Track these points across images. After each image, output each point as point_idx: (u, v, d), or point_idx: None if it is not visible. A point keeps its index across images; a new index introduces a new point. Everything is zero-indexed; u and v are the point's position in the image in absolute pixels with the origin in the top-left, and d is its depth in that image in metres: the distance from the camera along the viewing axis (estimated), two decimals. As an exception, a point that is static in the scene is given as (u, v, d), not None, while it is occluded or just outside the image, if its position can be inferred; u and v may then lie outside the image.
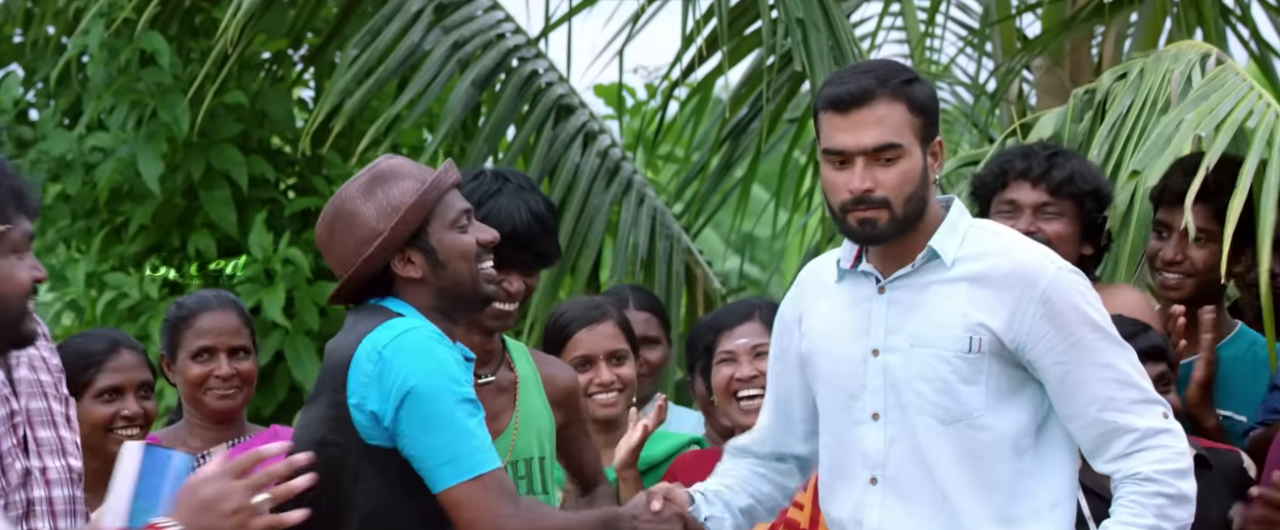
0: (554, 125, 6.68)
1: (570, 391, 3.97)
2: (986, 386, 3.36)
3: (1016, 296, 3.35)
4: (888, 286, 3.43)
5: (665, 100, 7.07)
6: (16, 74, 7.08)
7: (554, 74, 6.78)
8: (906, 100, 3.37)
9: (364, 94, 6.35)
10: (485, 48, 6.57)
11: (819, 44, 6.10)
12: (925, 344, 3.38)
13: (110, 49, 6.71)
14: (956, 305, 3.37)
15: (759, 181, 8.01)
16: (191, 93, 6.51)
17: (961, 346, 3.35)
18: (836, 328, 3.47)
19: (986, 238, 3.43)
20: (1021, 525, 3.36)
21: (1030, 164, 4.22)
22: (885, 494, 3.40)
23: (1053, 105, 5.56)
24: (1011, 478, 3.36)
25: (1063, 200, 4.20)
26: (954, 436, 3.36)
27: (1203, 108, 4.52)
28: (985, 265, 3.38)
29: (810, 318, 3.51)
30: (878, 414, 3.41)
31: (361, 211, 3.31)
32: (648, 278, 6.67)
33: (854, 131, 3.36)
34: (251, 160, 6.88)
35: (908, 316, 3.40)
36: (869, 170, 3.36)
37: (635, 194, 6.70)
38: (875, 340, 3.42)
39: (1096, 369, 3.34)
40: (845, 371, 3.44)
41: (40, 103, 7.13)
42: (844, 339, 3.45)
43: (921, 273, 3.41)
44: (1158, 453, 3.34)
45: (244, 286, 6.70)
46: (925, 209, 3.40)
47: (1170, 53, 4.89)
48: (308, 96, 7.46)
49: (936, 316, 3.38)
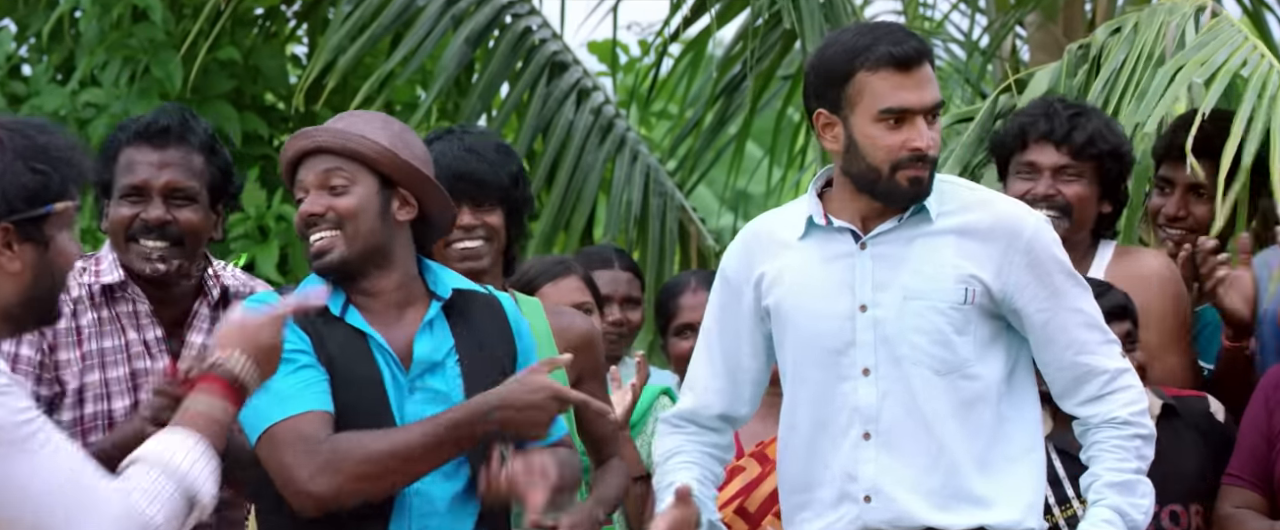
0: (547, 82, 6.66)
1: (584, 342, 3.90)
2: (975, 336, 3.41)
3: (1003, 248, 3.42)
4: (870, 242, 3.43)
5: (659, 57, 7.05)
6: (9, 29, 7.08)
7: (547, 31, 6.74)
8: (930, 62, 3.45)
9: (357, 50, 6.33)
10: (479, 4, 6.54)
11: (811, 2, 6.05)
12: (919, 296, 3.40)
13: (103, 4, 6.70)
14: (946, 257, 3.41)
15: (753, 138, 7.97)
16: (184, 49, 6.51)
17: (956, 298, 3.40)
18: (811, 284, 3.46)
19: (962, 192, 3.48)
20: (1001, 470, 3.42)
21: (1053, 125, 4.15)
22: (879, 449, 3.41)
23: (1046, 61, 5.53)
24: (992, 424, 3.43)
25: (1083, 162, 4.13)
26: (948, 387, 3.40)
27: (1196, 58, 4.51)
28: (969, 218, 3.43)
29: (773, 275, 3.49)
30: (869, 369, 3.41)
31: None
32: (641, 235, 6.67)
33: (918, 90, 3.39)
34: (245, 116, 6.87)
35: (897, 271, 3.42)
36: (930, 129, 3.41)
37: (629, 151, 6.67)
38: (862, 296, 3.42)
39: (1072, 314, 3.44)
40: (828, 327, 3.43)
41: (33, 58, 7.13)
42: (823, 295, 3.45)
43: (906, 227, 3.43)
44: (1127, 394, 3.46)
45: (238, 242, 6.72)
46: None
47: (1165, 6, 4.86)
48: (301, 53, 7.45)
49: (927, 269, 3.41)
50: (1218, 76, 4.39)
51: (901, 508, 3.41)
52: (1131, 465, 3.42)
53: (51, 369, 3.55)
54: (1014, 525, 3.41)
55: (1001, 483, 3.42)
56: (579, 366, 3.83)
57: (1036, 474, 3.47)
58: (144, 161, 3.61)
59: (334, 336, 3.34)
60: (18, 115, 6.72)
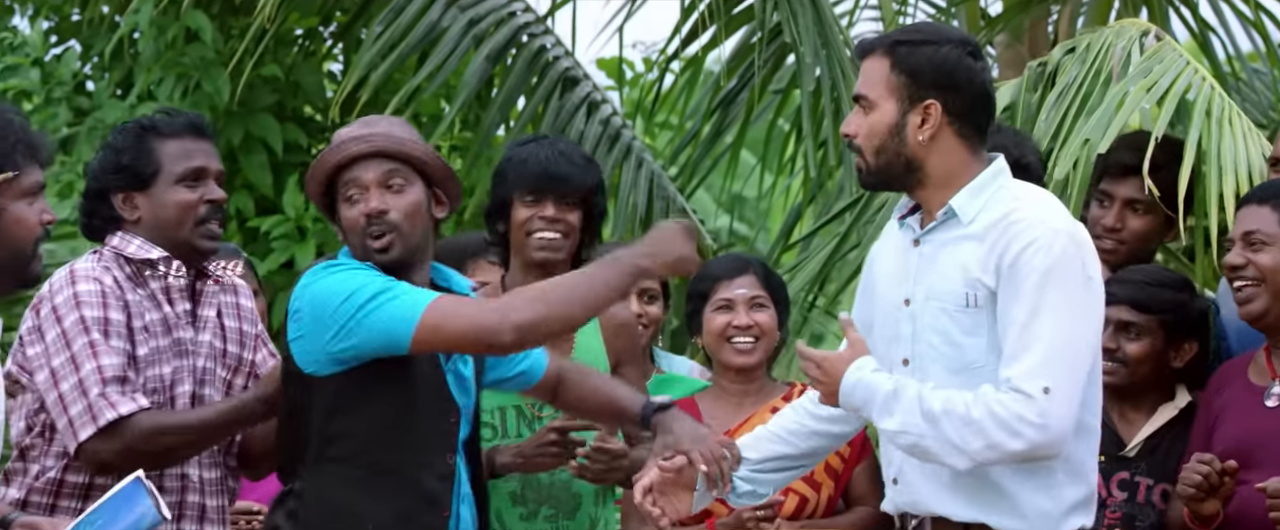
0: (560, 96, 6.77)
1: (623, 327, 3.99)
2: (987, 339, 3.27)
3: (1001, 249, 3.26)
4: (921, 239, 3.38)
5: (661, 73, 7.15)
6: (75, 49, 7.17)
7: (560, 49, 6.86)
8: (892, 58, 3.32)
9: (388, 67, 6.45)
10: (498, 25, 6.67)
11: (805, 19, 6.19)
12: (935, 297, 3.32)
13: (159, 26, 6.80)
14: (962, 260, 3.30)
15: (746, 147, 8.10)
16: (232, 66, 6.59)
17: (959, 301, 3.28)
18: (886, 273, 3.43)
19: (1007, 198, 3.32)
20: (1015, 474, 3.29)
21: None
22: None
23: (1012, 77, 5.63)
24: None
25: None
26: (964, 386, 3.27)
27: (1144, 82, 4.58)
28: (988, 221, 3.29)
29: (874, 261, 3.49)
30: (908, 360, 3.35)
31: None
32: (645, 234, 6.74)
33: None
34: (286, 127, 6.97)
35: (928, 270, 3.35)
36: (853, 116, 3.37)
37: (634, 158, 6.78)
38: (906, 289, 3.37)
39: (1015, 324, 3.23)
40: (886, 316, 3.39)
41: (96, 75, 7.21)
42: (889, 284, 3.41)
43: (943, 228, 3.35)
44: (1010, 399, 3.21)
45: (279, 242, 6.80)
46: (908, 163, 3.32)
47: (1114, 29, 4.95)
48: (337, 69, 7.55)
49: (946, 271, 3.32)
50: (1166, 99, 4.43)
51: (918, 493, 3.33)
52: (959, 410, 3.18)
53: (131, 336, 3.54)
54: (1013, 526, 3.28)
55: (1014, 486, 3.27)
56: (618, 350, 3.98)
57: (1054, 481, 3.27)
58: (198, 149, 3.59)
59: None
60: (82, 127, 6.95)
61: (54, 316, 3.48)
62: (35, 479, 3.52)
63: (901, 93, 3.32)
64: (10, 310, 6.47)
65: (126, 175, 3.57)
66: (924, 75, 3.31)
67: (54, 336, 3.47)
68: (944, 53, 3.32)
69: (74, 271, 3.52)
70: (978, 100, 3.35)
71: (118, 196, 3.59)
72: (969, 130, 3.35)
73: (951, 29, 3.67)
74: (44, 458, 3.52)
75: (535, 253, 3.87)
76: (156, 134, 3.59)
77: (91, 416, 3.44)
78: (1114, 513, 4.03)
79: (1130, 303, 4.03)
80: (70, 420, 3.45)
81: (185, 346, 3.59)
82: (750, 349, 4.22)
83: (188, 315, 3.61)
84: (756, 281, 4.27)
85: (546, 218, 3.86)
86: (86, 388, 3.43)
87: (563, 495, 3.95)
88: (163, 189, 3.57)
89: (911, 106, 3.32)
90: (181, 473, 3.57)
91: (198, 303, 3.63)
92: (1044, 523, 3.29)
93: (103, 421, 3.43)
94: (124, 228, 3.60)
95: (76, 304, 3.47)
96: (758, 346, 4.23)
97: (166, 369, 3.55)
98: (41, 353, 3.49)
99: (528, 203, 3.91)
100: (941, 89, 3.32)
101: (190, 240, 3.59)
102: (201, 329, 3.61)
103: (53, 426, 3.52)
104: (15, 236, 2.89)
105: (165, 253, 3.58)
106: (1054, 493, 3.30)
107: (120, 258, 3.57)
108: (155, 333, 3.55)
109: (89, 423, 3.44)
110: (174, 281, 3.60)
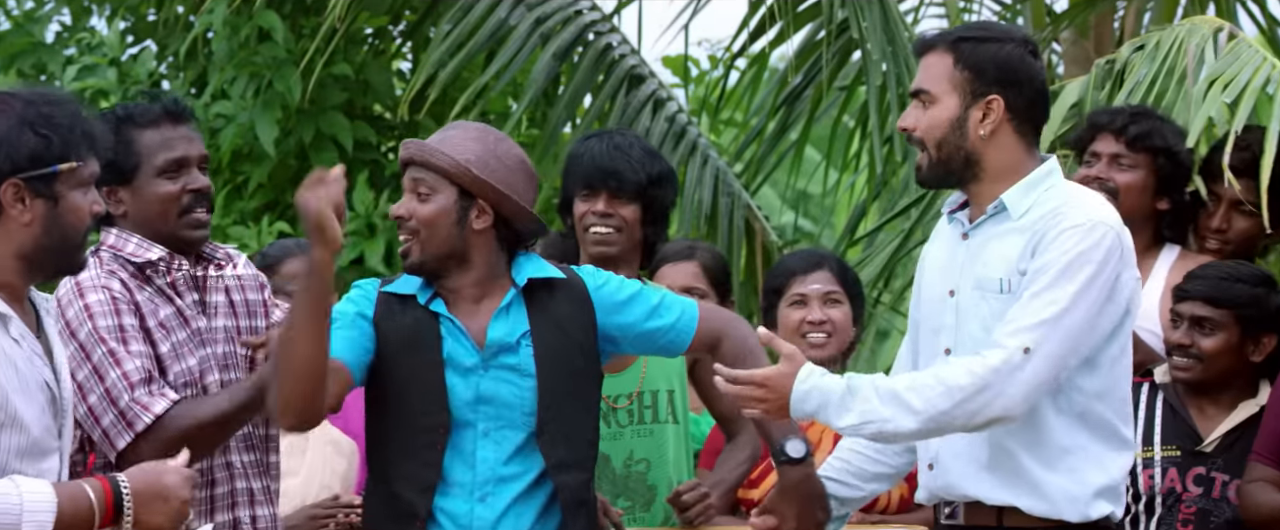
0: (626, 93, 6.78)
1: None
2: None
3: (1041, 234, 3.30)
4: (970, 233, 3.41)
5: (727, 70, 7.15)
6: (150, 49, 7.22)
7: (626, 46, 6.87)
8: (955, 54, 3.35)
9: (456, 65, 6.48)
10: (564, 23, 6.68)
11: (871, 15, 6.17)
12: (979, 286, 3.36)
13: (232, 26, 6.85)
14: (1005, 251, 3.34)
15: (811, 144, 8.07)
16: (303, 65, 6.63)
17: (996, 288, 3.32)
18: (934, 266, 3.46)
19: (1058, 195, 3.35)
20: (1051, 460, 3.32)
21: (1113, 118, 4.24)
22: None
23: (1078, 74, 5.59)
24: (1048, 413, 3.31)
25: (1137, 153, 4.19)
26: None
27: (1221, 78, 4.54)
28: (1037, 216, 3.33)
29: (924, 259, 3.52)
30: (950, 349, 3.38)
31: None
32: (711, 231, 6.74)
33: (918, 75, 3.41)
34: (356, 125, 7.00)
35: (974, 261, 3.38)
36: (911, 111, 3.40)
37: (700, 155, 6.78)
38: (951, 281, 3.40)
39: (1029, 295, 3.27)
40: (931, 308, 3.43)
41: (171, 75, 7.28)
42: (935, 277, 3.44)
43: (993, 222, 3.37)
44: (983, 359, 3.22)
45: (349, 239, 6.84)
46: (968, 158, 3.35)
47: (1186, 26, 4.90)
48: (406, 68, 7.57)
49: (990, 260, 3.35)
50: (1244, 96, 4.39)
51: (952, 478, 3.36)
52: (925, 380, 3.20)
53: (149, 336, 3.50)
54: (1047, 514, 3.31)
55: (1048, 471, 3.29)
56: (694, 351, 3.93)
57: (1089, 467, 3.30)
58: (177, 137, 3.50)
59: (409, 313, 3.37)
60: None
61: (68, 332, 3.44)
62: None
63: (964, 88, 3.36)
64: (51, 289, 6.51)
65: (108, 169, 3.37)
66: (987, 71, 3.35)
67: (73, 350, 3.43)
68: (1007, 50, 3.36)
69: (80, 284, 3.47)
70: (1037, 98, 3.39)
71: (102, 191, 3.43)
72: (1026, 127, 3.38)
73: (1013, 27, 3.73)
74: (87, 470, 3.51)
75: (591, 248, 3.88)
76: (133, 124, 3.49)
77: (126, 423, 3.41)
78: (1189, 508, 4.00)
79: (1204, 298, 3.99)
80: (104, 431, 3.43)
81: (203, 336, 3.55)
82: (823, 344, 4.22)
83: (197, 305, 3.55)
84: (831, 277, 4.27)
85: (598, 212, 3.87)
86: (115, 396, 3.41)
87: (638, 487, 3.96)
88: (144, 182, 3.49)
89: (974, 101, 3.35)
90: (226, 461, 3.55)
91: (205, 290, 3.57)
92: (1070, 506, 3.31)
93: (140, 426, 3.41)
94: (117, 223, 3.54)
95: (89, 315, 3.44)
96: (831, 342, 4.23)
97: (192, 361, 3.51)
98: (63, 366, 3.42)
99: (583, 197, 3.93)
100: (1004, 85, 3.35)
101: (176, 232, 3.52)
102: (214, 315, 3.57)
103: (89, 439, 3.49)
104: (69, 225, 2.95)
105: (163, 250, 3.52)
106: (1078, 477, 3.32)
107: (120, 258, 3.51)
108: (172, 327, 3.51)
109: (125, 430, 3.41)
110: (177, 275, 3.54)
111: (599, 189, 3.87)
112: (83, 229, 2.97)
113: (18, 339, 2.92)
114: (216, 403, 3.47)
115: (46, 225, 2.93)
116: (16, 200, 2.91)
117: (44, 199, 2.92)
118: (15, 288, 2.96)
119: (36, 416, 2.90)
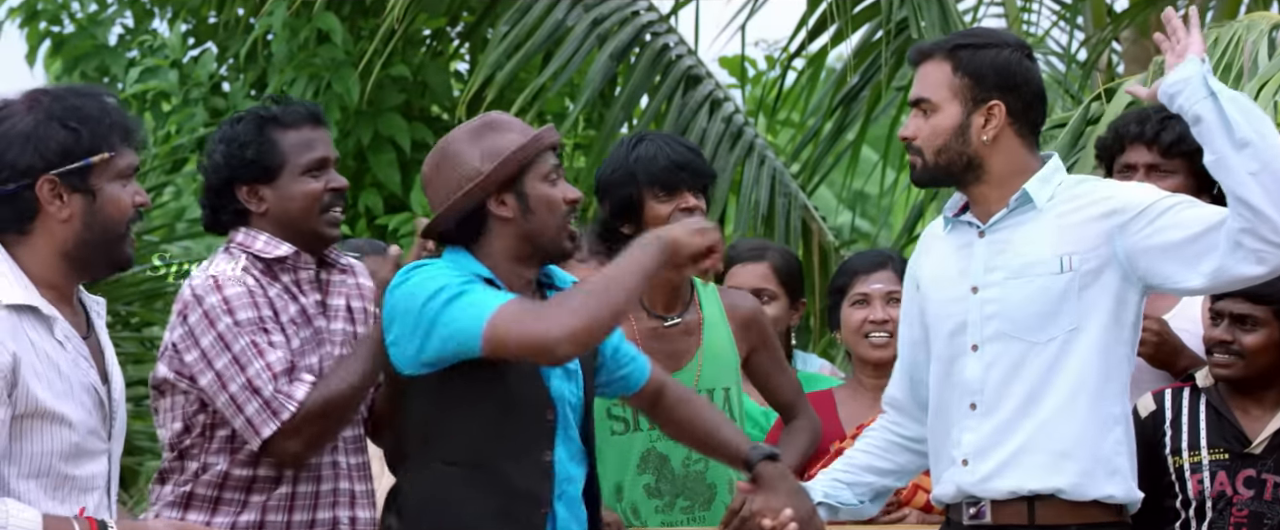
0: (683, 94, 6.81)
1: (751, 318, 3.99)
2: (1079, 302, 3.38)
3: (1083, 208, 3.39)
4: (987, 230, 3.42)
5: (784, 71, 7.16)
6: (211, 51, 7.34)
7: (683, 47, 6.90)
8: (953, 62, 3.40)
9: (513, 66, 6.53)
10: (621, 24, 6.72)
11: (930, 17, 6.16)
12: (1021, 274, 3.38)
13: (291, 28, 6.95)
14: (1041, 235, 3.38)
15: (868, 144, 8.04)
16: (361, 66, 6.70)
17: (1053, 268, 3.37)
18: (937, 274, 3.47)
19: (1072, 182, 3.45)
20: (1087, 439, 3.37)
21: (1143, 128, 4.18)
22: (981, 417, 3.40)
23: (1137, 72, 5.57)
24: (1084, 396, 3.40)
25: (1174, 159, 4.14)
26: (1049, 360, 3.37)
27: (1278, 76, 4.51)
28: (1058, 200, 3.39)
29: (917, 274, 3.53)
30: (977, 345, 3.39)
31: (466, 152, 3.29)
32: (768, 231, 6.76)
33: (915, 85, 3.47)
34: (414, 126, 7.09)
35: (1002, 253, 3.40)
36: (912, 120, 3.44)
37: (757, 156, 6.80)
38: (972, 279, 3.41)
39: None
40: (946, 311, 3.43)
41: (231, 76, 7.37)
42: (944, 282, 3.45)
43: (1016, 214, 3.41)
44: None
45: (406, 239, 6.90)
46: (970, 162, 3.40)
47: (1244, 22, 4.89)
48: (463, 69, 7.65)
49: (1026, 248, 3.39)
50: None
51: (987, 470, 3.37)
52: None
53: (283, 330, 3.54)
54: (1086, 493, 3.34)
55: (1083, 451, 3.34)
56: (750, 341, 3.97)
57: (1123, 443, 3.38)
58: (319, 138, 3.57)
59: None
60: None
61: (206, 321, 3.49)
62: (197, 475, 3.55)
63: (965, 95, 3.40)
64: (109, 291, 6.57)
65: (253, 168, 3.54)
66: (987, 77, 3.40)
67: (211, 341, 3.49)
68: (1005, 56, 3.42)
69: (217, 278, 3.52)
70: (1035, 100, 3.44)
71: (242, 189, 3.57)
72: (1026, 129, 3.44)
73: (1006, 32, 3.75)
74: (205, 454, 3.55)
75: None
76: (278, 125, 3.57)
77: (272, 412, 3.46)
78: (1240, 510, 3.95)
79: (1244, 294, 3.94)
80: (247, 419, 3.46)
81: (323, 336, 3.59)
82: (886, 343, 4.21)
83: (319, 306, 3.61)
84: (893, 277, 4.25)
85: (687, 208, 3.87)
86: (258, 386, 3.46)
87: (698, 486, 3.95)
88: (289, 180, 3.56)
89: (975, 107, 3.40)
90: (333, 460, 3.59)
91: (326, 292, 3.64)
92: (1112, 463, 3.38)
93: (285, 415, 3.45)
94: (250, 221, 3.60)
95: (228, 309, 3.49)
96: (893, 341, 4.20)
97: (314, 359, 3.55)
98: (199, 358, 3.50)
99: (663, 198, 3.90)
100: (1004, 90, 3.40)
101: (317, 229, 3.59)
102: (334, 317, 3.63)
103: (212, 425, 3.55)
104: (109, 217, 2.91)
105: (292, 247, 3.58)
106: (1115, 435, 3.40)
107: (250, 255, 3.57)
108: (299, 325, 3.56)
109: (271, 418, 3.45)
110: (303, 274, 3.60)
111: (679, 186, 3.86)
112: (125, 220, 2.93)
113: (62, 341, 2.91)
114: (342, 379, 3.50)
115: (87, 220, 2.90)
116: (54, 197, 2.88)
117: (81, 194, 2.89)
118: (62, 288, 2.95)
119: (83, 418, 2.90)
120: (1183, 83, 3.37)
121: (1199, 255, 3.35)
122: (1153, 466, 3.92)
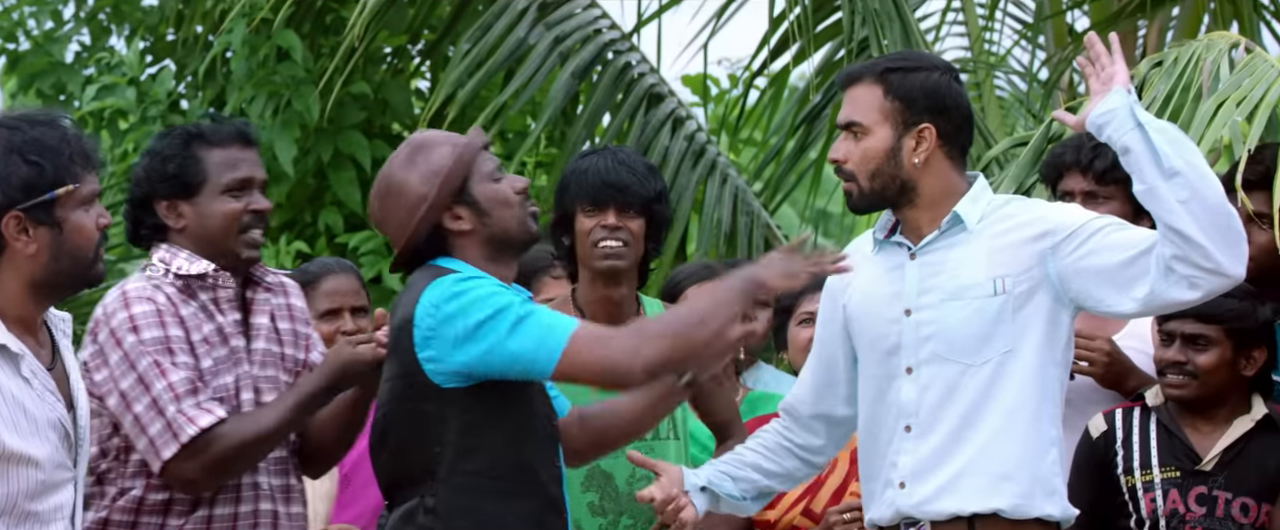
0: (646, 112, 6.80)
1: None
2: (1013, 325, 3.40)
3: (1010, 229, 3.43)
4: (918, 252, 3.44)
5: (746, 89, 7.18)
6: (170, 68, 7.27)
7: (646, 65, 6.90)
8: (884, 85, 3.42)
9: (475, 84, 6.50)
10: (583, 42, 6.71)
11: (892, 36, 6.17)
12: (956, 296, 3.40)
13: (250, 45, 6.89)
14: (973, 257, 3.42)
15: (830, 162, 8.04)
16: (321, 84, 6.67)
17: (987, 290, 3.39)
18: (870, 294, 3.48)
19: (999, 201, 3.49)
20: (1022, 458, 3.40)
21: (1079, 156, 4.22)
22: (916, 439, 3.40)
23: (1100, 92, 5.54)
24: (1018, 415, 3.42)
25: (1109, 185, 4.19)
26: (985, 381, 3.39)
27: (1235, 95, 4.52)
28: (988, 221, 3.43)
29: (844, 292, 3.53)
30: (911, 368, 3.41)
31: (407, 180, 3.30)
32: (731, 250, 6.76)
33: (844, 108, 3.48)
34: (375, 144, 7.03)
35: (936, 275, 3.43)
36: (841, 143, 3.45)
37: (719, 174, 6.80)
38: (906, 301, 3.43)
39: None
40: (879, 333, 3.45)
41: (190, 94, 7.32)
42: (877, 303, 3.46)
43: (947, 236, 3.44)
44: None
45: (366, 258, 6.87)
46: (903, 185, 3.42)
47: (1203, 41, 4.89)
48: (424, 87, 7.61)
49: (961, 270, 3.42)
50: (1258, 111, 4.35)
51: (927, 493, 3.38)
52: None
53: (193, 350, 3.53)
54: (1027, 513, 3.36)
55: (1024, 472, 3.36)
56: None
57: (1058, 464, 3.40)
58: (245, 159, 3.55)
59: None
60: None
61: (113, 340, 3.46)
62: (114, 500, 3.51)
63: (896, 118, 3.43)
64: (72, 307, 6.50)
65: (173, 183, 3.52)
66: (918, 101, 3.43)
67: (117, 360, 3.46)
68: (935, 78, 3.45)
69: (126, 294, 3.50)
70: (964, 122, 3.49)
71: (162, 204, 3.56)
72: (955, 151, 3.47)
73: (934, 56, 3.81)
74: (122, 479, 3.52)
75: (599, 262, 3.87)
76: (204, 142, 3.55)
77: (172, 434, 3.42)
78: (1193, 528, 3.96)
79: (1194, 314, 3.95)
80: (150, 440, 3.44)
81: (240, 355, 3.57)
82: None
83: (238, 325, 3.59)
84: None
85: (608, 226, 3.87)
86: (162, 407, 3.43)
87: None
88: (209, 198, 3.54)
89: (906, 131, 3.43)
90: (253, 481, 3.56)
91: (249, 310, 3.61)
92: (1050, 483, 3.41)
93: (185, 437, 3.43)
94: (169, 237, 3.58)
95: (133, 327, 3.46)
96: None
97: (229, 378, 3.54)
98: (108, 377, 3.47)
99: (589, 212, 3.91)
100: (934, 113, 3.44)
101: (234, 249, 3.57)
102: (256, 336, 3.60)
103: (125, 448, 3.51)
104: (77, 246, 2.93)
105: (212, 265, 3.57)
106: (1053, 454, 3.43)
107: (168, 272, 3.56)
108: (213, 344, 3.54)
109: (171, 441, 3.43)
110: (222, 292, 3.59)
111: (607, 203, 3.87)
112: (91, 246, 2.95)
113: (29, 377, 2.91)
114: (261, 421, 3.48)
115: (54, 252, 2.91)
116: (20, 232, 2.88)
117: (46, 227, 2.90)
118: (28, 319, 2.95)
119: (50, 455, 2.89)
120: (1110, 114, 3.39)
121: (1132, 280, 3.37)
122: (1105, 486, 3.95)
